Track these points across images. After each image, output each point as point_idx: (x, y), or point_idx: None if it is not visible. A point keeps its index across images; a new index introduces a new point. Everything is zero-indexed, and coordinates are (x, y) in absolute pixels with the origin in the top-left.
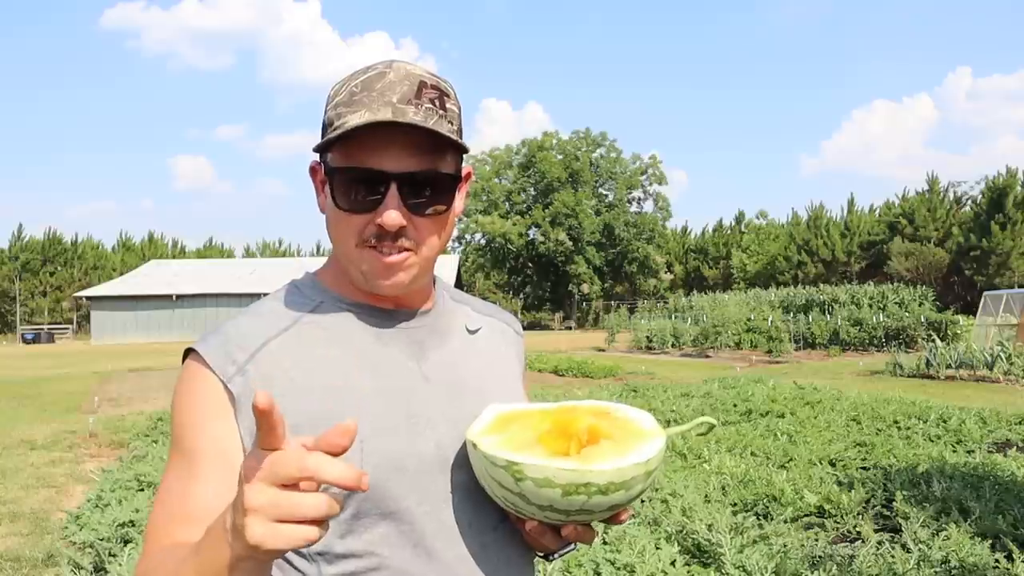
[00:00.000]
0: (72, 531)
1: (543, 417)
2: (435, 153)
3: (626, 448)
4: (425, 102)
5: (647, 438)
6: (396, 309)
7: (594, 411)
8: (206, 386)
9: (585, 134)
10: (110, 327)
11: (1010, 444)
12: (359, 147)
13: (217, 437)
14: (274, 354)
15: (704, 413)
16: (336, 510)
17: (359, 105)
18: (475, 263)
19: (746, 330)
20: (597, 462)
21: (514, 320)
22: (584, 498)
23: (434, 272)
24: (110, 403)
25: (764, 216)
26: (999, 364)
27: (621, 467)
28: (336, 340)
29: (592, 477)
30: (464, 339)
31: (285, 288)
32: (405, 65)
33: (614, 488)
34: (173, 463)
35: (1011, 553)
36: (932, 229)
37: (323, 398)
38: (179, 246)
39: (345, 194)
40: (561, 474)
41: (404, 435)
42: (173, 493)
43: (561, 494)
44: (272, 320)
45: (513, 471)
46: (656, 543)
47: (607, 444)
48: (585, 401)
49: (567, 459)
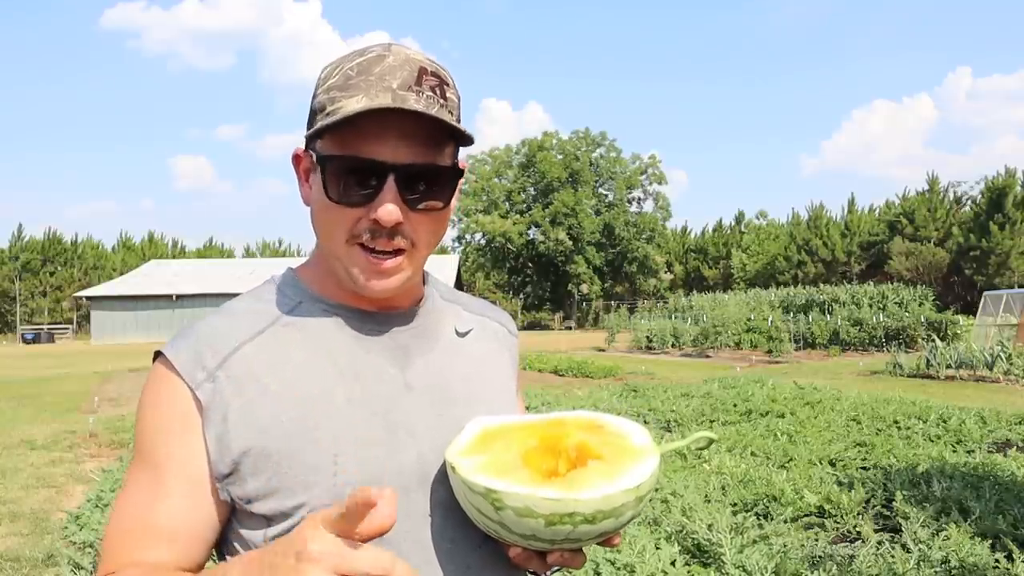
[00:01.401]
0: (72, 531)
1: (530, 432)
2: (435, 144)
3: (616, 471)
4: (426, 89)
5: (640, 458)
6: (380, 312)
7: (585, 425)
8: (174, 394)
9: (585, 134)
10: (110, 327)
11: (1010, 444)
12: (355, 135)
13: (184, 453)
14: (247, 359)
15: (704, 413)
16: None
17: (356, 89)
18: (475, 263)
19: (746, 330)
20: (583, 489)
21: (508, 319)
22: (569, 528)
23: (424, 269)
24: (110, 403)
25: (764, 216)
26: (999, 364)
27: (609, 494)
28: (314, 345)
29: (578, 507)
30: (452, 342)
31: (263, 286)
32: (404, 49)
33: (602, 517)
34: (136, 475)
35: (1011, 553)
36: (932, 229)
37: (298, 407)
38: (179, 246)
39: (338, 185)
40: (544, 504)
41: (383, 447)
42: (136, 507)
43: (544, 524)
44: (247, 321)
45: (492, 499)
46: (656, 543)
47: (596, 466)
48: (576, 412)
49: (551, 486)
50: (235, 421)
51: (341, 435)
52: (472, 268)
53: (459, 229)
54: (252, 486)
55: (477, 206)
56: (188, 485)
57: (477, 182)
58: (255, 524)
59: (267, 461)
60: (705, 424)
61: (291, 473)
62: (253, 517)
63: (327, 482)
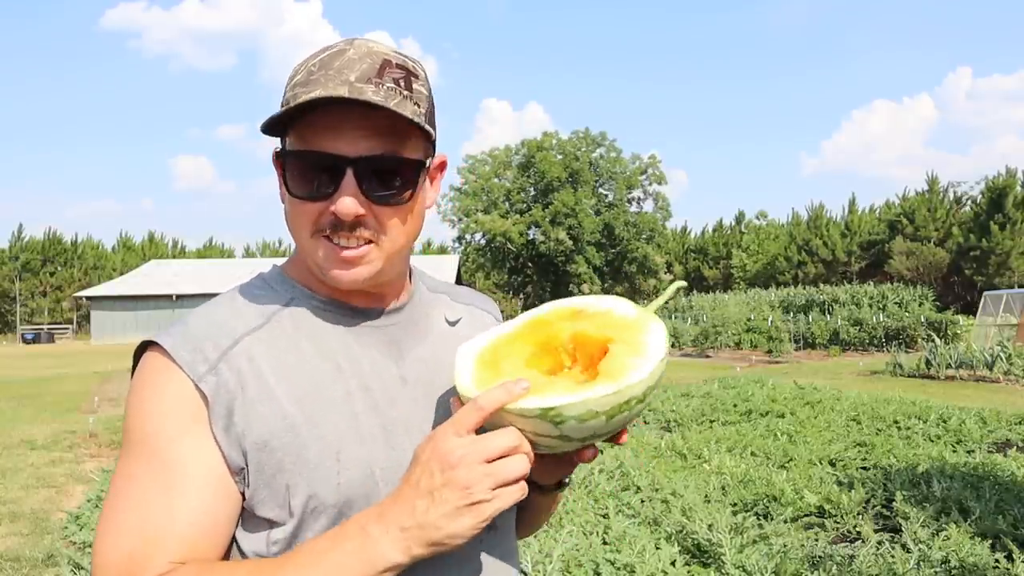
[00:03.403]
0: (72, 531)
1: (520, 341)
2: (397, 137)
3: (639, 346)
4: (387, 81)
5: (644, 326)
6: (369, 307)
7: (568, 314)
8: (177, 387)
9: (585, 134)
10: (110, 327)
11: (1010, 444)
12: (314, 130)
13: (200, 450)
14: (248, 353)
15: (704, 413)
16: (531, 463)
17: (315, 84)
18: (475, 263)
19: (746, 330)
20: (628, 373)
21: (494, 307)
22: (627, 413)
23: (411, 263)
24: (110, 403)
25: (764, 216)
26: (999, 364)
27: (652, 369)
28: (311, 340)
29: (633, 391)
30: (443, 331)
31: (251, 282)
32: (368, 43)
33: (650, 391)
34: (142, 473)
35: (1011, 553)
36: (932, 229)
37: (300, 403)
38: (179, 246)
39: (299, 180)
40: (603, 401)
41: (381, 442)
42: (152, 508)
43: (606, 419)
44: (244, 316)
45: (551, 417)
46: (656, 543)
47: (619, 349)
48: (548, 305)
49: (599, 383)
50: (240, 415)
51: (342, 431)
52: (472, 268)
53: (459, 229)
54: (256, 483)
55: (477, 206)
56: (207, 482)
57: (477, 182)
58: (255, 526)
59: (272, 456)
60: (705, 424)
61: (295, 469)
62: (254, 519)
63: (331, 479)
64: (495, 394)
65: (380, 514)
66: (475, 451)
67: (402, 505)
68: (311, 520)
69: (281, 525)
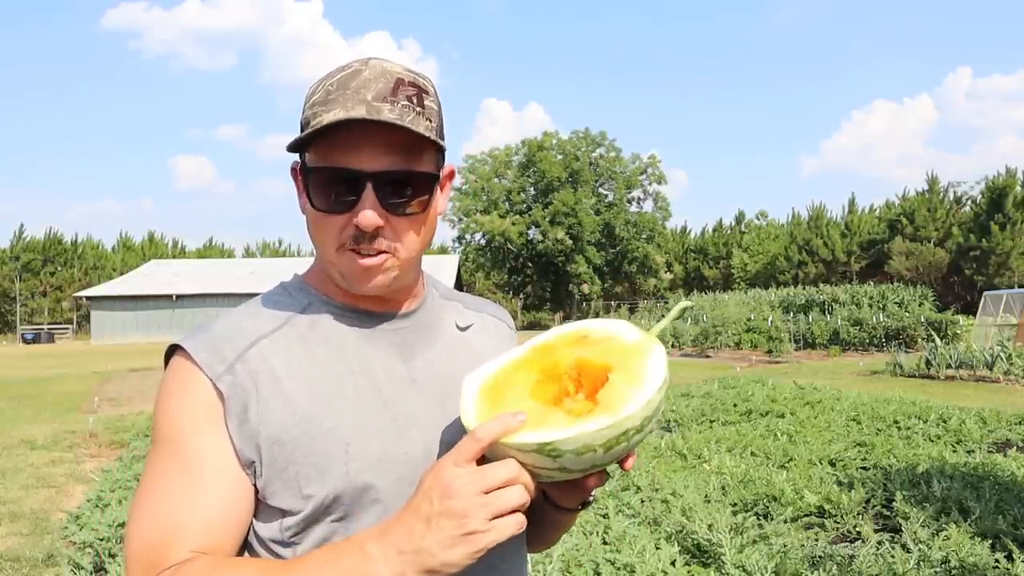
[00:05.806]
0: (72, 531)
1: (525, 370)
2: (412, 152)
3: (638, 374)
4: (401, 99)
5: (645, 352)
6: (382, 311)
7: (572, 340)
8: (198, 387)
9: (585, 134)
10: (110, 327)
11: (1010, 444)
12: (334, 147)
13: (218, 446)
14: (263, 354)
15: (704, 413)
16: (531, 495)
17: (334, 104)
18: (475, 263)
19: (746, 330)
20: (624, 405)
21: (506, 314)
22: (624, 444)
23: (422, 270)
24: (110, 403)
25: (764, 216)
26: (999, 364)
27: (649, 399)
28: (324, 342)
29: (629, 423)
30: (454, 336)
31: (274, 290)
32: (382, 62)
33: (648, 421)
34: (166, 469)
35: (1011, 553)
36: (932, 229)
37: (312, 399)
38: (179, 246)
39: (321, 195)
40: (599, 435)
41: (390, 436)
42: (174, 501)
43: (604, 451)
44: (261, 320)
45: (548, 451)
46: (656, 543)
47: (617, 377)
48: (554, 331)
49: (596, 416)
50: (255, 412)
51: (352, 425)
52: (472, 268)
53: (459, 229)
54: (268, 475)
55: (477, 206)
56: (225, 476)
57: (477, 182)
58: (269, 516)
59: (283, 450)
60: (705, 424)
61: (306, 462)
62: (268, 509)
63: (339, 470)
64: (491, 427)
65: (381, 533)
66: (472, 481)
67: (402, 528)
68: (321, 509)
69: (294, 514)
